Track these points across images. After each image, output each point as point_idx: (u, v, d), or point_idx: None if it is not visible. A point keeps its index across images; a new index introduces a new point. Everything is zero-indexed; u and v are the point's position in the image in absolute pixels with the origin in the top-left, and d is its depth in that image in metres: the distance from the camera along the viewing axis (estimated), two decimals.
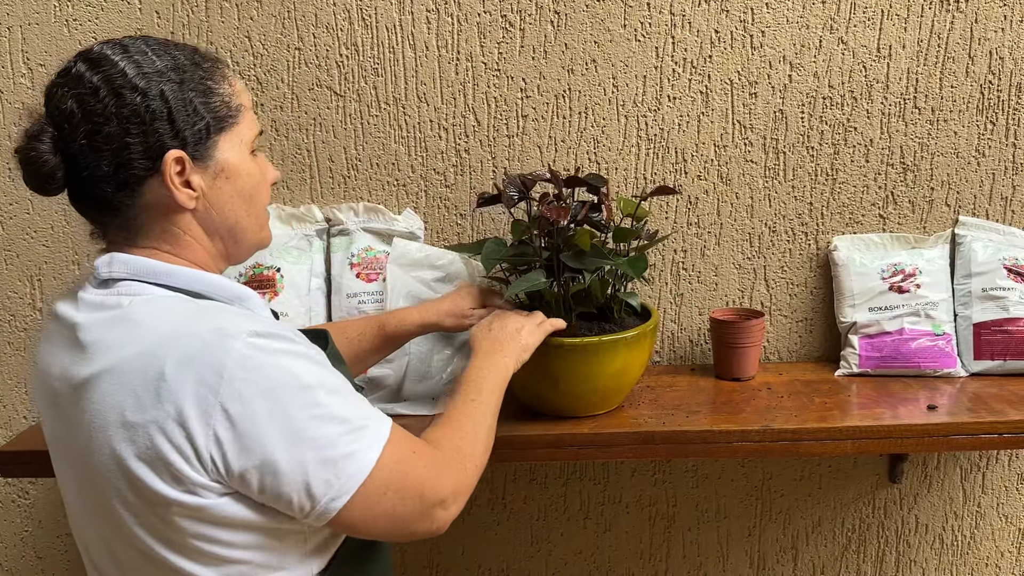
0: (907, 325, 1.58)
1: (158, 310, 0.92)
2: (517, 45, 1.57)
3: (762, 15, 1.57)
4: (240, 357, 0.87)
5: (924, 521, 1.81)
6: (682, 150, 1.62)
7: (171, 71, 0.95)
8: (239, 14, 1.55)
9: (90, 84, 0.92)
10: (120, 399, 0.88)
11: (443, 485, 0.99)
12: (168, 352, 0.87)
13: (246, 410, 0.87)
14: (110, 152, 0.92)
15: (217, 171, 0.98)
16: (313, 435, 0.89)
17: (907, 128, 1.62)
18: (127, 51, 0.95)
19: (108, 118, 0.92)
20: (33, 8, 1.54)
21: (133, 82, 0.92)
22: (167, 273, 0.96)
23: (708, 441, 1.36)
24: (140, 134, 0.92)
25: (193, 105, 0.95)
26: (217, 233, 1.01)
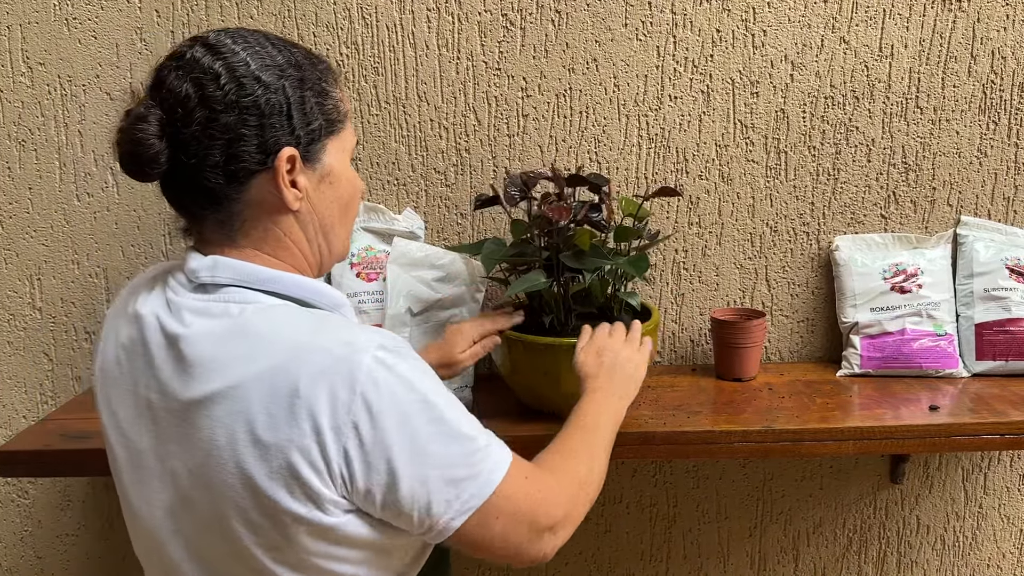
0: (909, 325, 1.58)
1: (276, 321, 0.89)
2: (518, 44, 1.57)
3: (764, 14, 1.57)
4: (370, 372, 0.85)
5: (926, 522, 1.81)
6: (683, 150, 1.61)
7: (291, 67, 0.92)
8: (239, 13, 1.54)
9: (211, 70, 0.88)
10: (249, 417, 0.85)
11: (555, 512, 0.97)
12: (300, 367, 0.84)
13: (375, 426, 0.85)
14: (224, 142, 0.88)
15: (323, 175, 0.95)
16: (437, 453, 0.87)
17: (909, 128, 1.62)
18: (247, 42, 0.91)
19: (228, 106, 0.88)
20: (33, 7, 1.54)
21: (256, 73, 0.89)
22: (273, 279, 0.93)
23: (709, 441, 1.36)
24: (258, 127, 0.89)
25: (310, 104, 0.93)
26: (314, 239, 0.98)
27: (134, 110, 0.89)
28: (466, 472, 0.89)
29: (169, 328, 0.91)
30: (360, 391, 0.84)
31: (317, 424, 0.84)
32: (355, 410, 0.84)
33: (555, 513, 0.97)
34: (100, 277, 1.64)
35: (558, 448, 1.07)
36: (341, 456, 0.85)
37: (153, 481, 0.93)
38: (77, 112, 1.58)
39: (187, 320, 0.90)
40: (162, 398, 0.90)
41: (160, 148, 0.88)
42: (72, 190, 1.60)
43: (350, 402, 0.84)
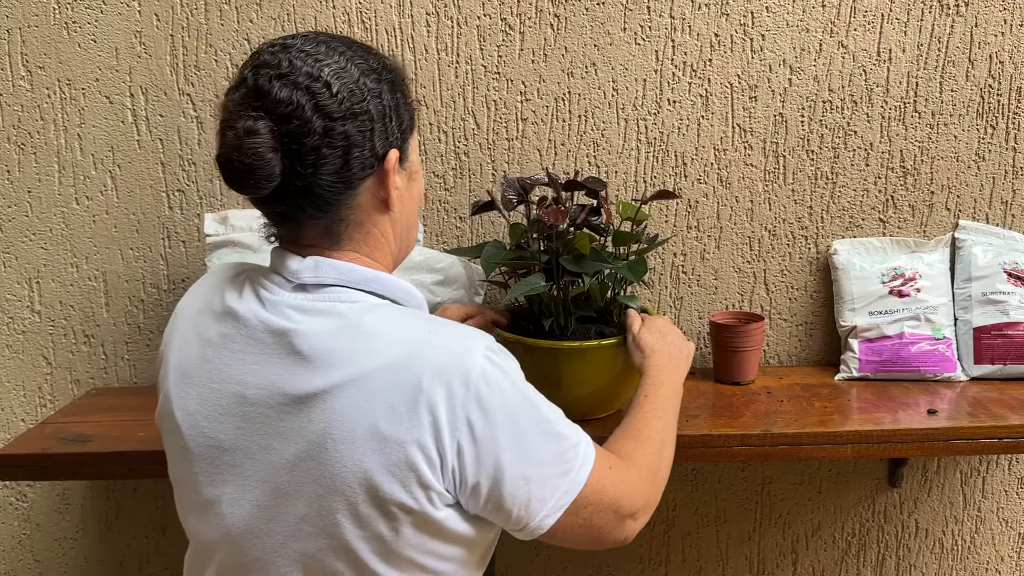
0: (907, 329, 1.58)
1: (389, 320, 0.91)
2: (517, 48, 1.57)
3: (762, 19, 1.57)
4: (482, 370, 0.88)
5: (924, 525, 1.81)
6: (682, 153, 1.62)
7: (384, 70, 0.94)
8: (238, 16, 1.55)
9: (320, 78, 0.88)
10: (371, 410, 0.86)
11: (636, 499, 1.00)
12: (422, 364, 0.87)
13: (487, 422, 0.88)
14: (342, 149, 0.89)
15: (411, 172, 0.99)
16: (538, 451, 0.91)
17: (907, 132, 1.62)
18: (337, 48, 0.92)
19: (344, 114, 0.88)
20: (32, 10, 1.54)
21: (362, 80, 0.90)
22: (373, 280, 0.95)
23: (708, 445, 1.36)
24: (370, 132, 0.90)
25: (400, 105, 0.94)
26: (400, 235, 1.00)
27: (240, 123, 0.86)
28: (562, 469, 0.92)
29: (274, 324, 0.91)
30: (474, 388, 0.87)
31: (436, 418, 0.86)
32: (469, 406, 0.87)
33: (637, 501, 1.01)
34: (99, 280, 1.64)
35: (632, 433, 1.10)
36: (455, 451, 0.87)
37: (238, 477, 0.92)
38: (76, 116, 1.58)
39: (293, 317, 0.91)
40: (264, 392, 0.90)
41: (276, 161, 0.87)
42: (71, 193, 1.60)
43: (465, 398, 0.87)
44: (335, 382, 0.87)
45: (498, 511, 0.91)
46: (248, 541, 0.93)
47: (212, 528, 0.95)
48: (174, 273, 1.63)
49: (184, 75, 1.56)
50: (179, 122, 1.58)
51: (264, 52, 0.90)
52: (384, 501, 0.87)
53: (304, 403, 0.88)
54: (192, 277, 1.63)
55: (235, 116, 0.87)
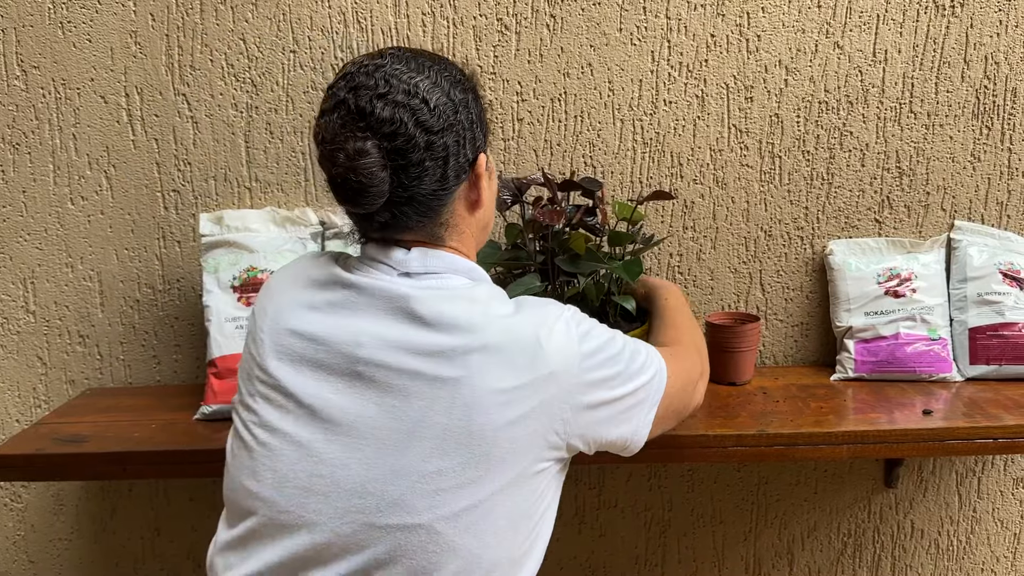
0: (903, 329, 1.58)
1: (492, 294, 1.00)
2: (513, 48, 1.57)
3: (758, 19, 1.57)
4: (575, 333, 0.97)
5: (920, 526, 1.81)
6: (678, 154, 1.62)
7: (466, 80, 1.02)
8: (234, 16, 1.54)
9: (417, 95, 0.94)
10: (500, 372, 0.93)
11: (695, 368, 1.18)
12: (538, 327, 0.95)
13: (591, 371, 0.97)
14: (442, 160, 0.96)
15: (491, 171, 1.06)
16: (635, 384, 1.02)
17: (903, 133, 1.62)
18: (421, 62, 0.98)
19: (443, 128, 0.96)
20: (27, 10, 1.54)
21: (452, 93, 0.97)
22: (471, 269, 1.03)
23: (703, 445, 1.36)
24: (464, 140, 0.98)
25: (482, 110, 1.04)
26: (482, 229, 1.08)
27: (349, 144, 0.92)
28: (649, 385, 1.05)
29: (392, 289, 0.96)
30: (579, 343, 0.97)
31: (553, 372, 0.94)
32: (574, 359, 0.96)
33: (695, 369, 1.18)
34: (94, 280, 1.63)
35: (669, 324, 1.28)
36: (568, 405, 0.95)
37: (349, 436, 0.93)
38: (72, 115, 1.57)
39: (405, 286, 0.97)
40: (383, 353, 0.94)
41: (385, 178, 0.94)
42: (66, 193, 1.60)
43: (574, 352, 0.96)
44: (459, 344, 0.93)
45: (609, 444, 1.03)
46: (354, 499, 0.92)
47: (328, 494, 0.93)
48: (169, 273, 1.63)
49: (179, 75, 1.56)
50: (174, 122, 1.58)
51: (359, 74, 0.95)
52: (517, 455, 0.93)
53: (429, 360, 0.93)
54: (187, 277, 1.62)
55: (342, 138, 0.93)
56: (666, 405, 1.09)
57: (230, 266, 1.50)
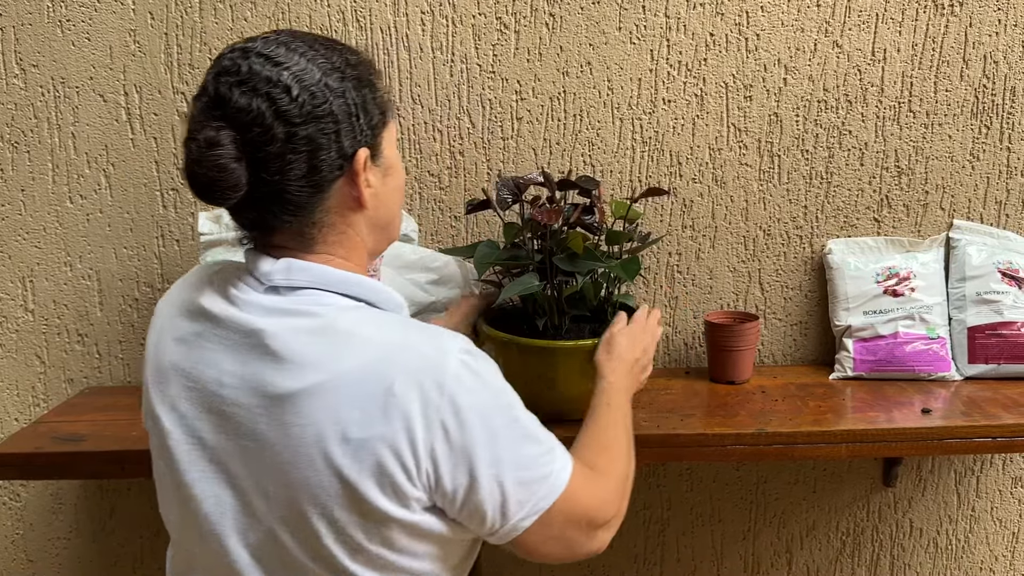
0: (901, 329, 1.58)
1: (361, 322, 0.90)
2: (512, 47, 1.57)
3: (757, 18, 1.57)
4: (456, 373, 0.88)
5: (918, 525, 1.81)
6: (677, 153, 1.62)
7: (348, 67, 0.92)
8: (233, 15, 1.54)
9: (280, 83, 0.86)
10: (343, 414, 0.85)
11: (608, 509, 1.01)
12: (394, 367, 0.86)
13: (461, 426, 0.87)
14: (306, 154, 0.88)
15: (386, 167, 0.97)
16: (514, 454, 0.90)
17: (902, 132, 1.62)
18: (300, 48, 0.90)
19: (306, 118, 0.87)
20: (26, 8, 1.54)
21: (324, 80, 0.89)
22: (345, 281, 0.93)
23: (702, 444, 1.36)
24: (335, 133, 0.89)
25: (367, 102, 0.93)
26: (379, 229, 0.99)
27: (201, 134, 0.86)
28: (539, 473, 0.92)
29: (246, 323, 0.90)
30: (447, 391, 0.87)
31: (409, 423, 0.86)
32: (443, 409, 0.86)
33: (609, 511, 1.01)
34: (93, 279, 1.63)
35: (602, 443, 1.09)
36: (429, 455, 0.87)
37: (222, 476, 0.92)
38: (70, 114, 1.57)
39: (263, 316, 0.90)
40: (239, 391, 0.89)
41: (240, 171, 0.86)
42: (65, 192, 1.60)
43: (439, 402, 0.86)
44: (307, 384, 0.86)
45: (473, 515, 0.91)
46: (226, 542, 0.93)
47: (196, 528, 0.95)
48: (168, 272, 1.63)
49: (178, 73, 1.56)
50: (173, 120, 1.58)
51: (224, 58, 0.89)
52: (360, 505, 0.87)
53: (278, 404, 0.87)
54: None
55: (198, 127, 0.87)
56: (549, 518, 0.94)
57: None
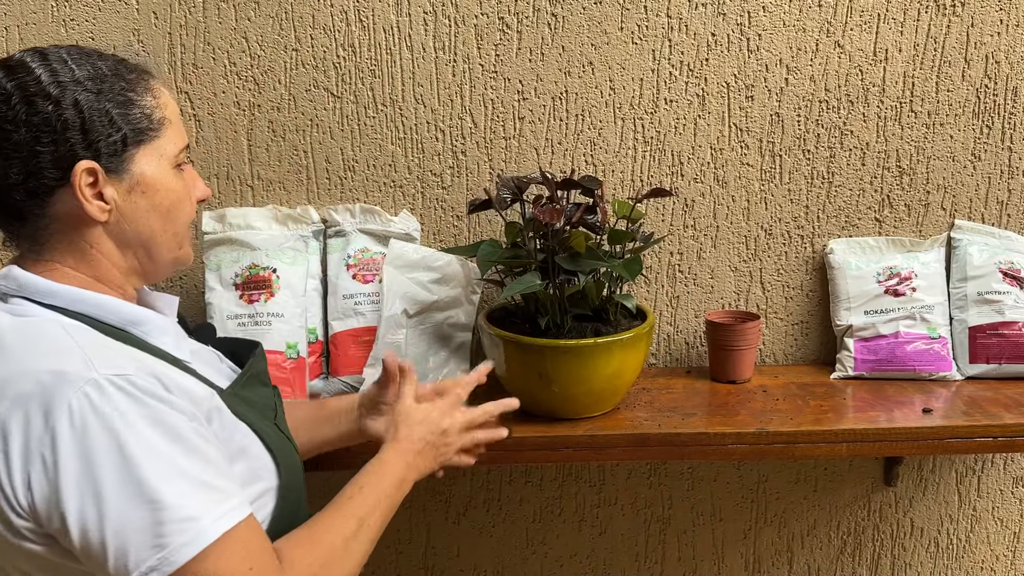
0: (903, 328, 1.59)
1: (24, 338, 0.89)
2: (514, 47, 1.57)
3: (759, 18, 1.57)
4: (70, 409, 0.83)
5: (919, 524, 1.81)
6: (678, 153, 1.62)
7: (88, 80, 0.93)
8: (236, 15, 1.55)
9: (3, 90, 0.91)
10: None
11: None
12: (7, 389, 0.85)
13: (60, 465, 0.82)
14: (19, 160, 0.91)
15: (132, 184, 0.96)
16: (118, 514, 0.82)
17: (903, 132, 1.63)
18: (46, 59, 0.93)
19: (18, 125, 0.90)
20: (30, 8, 1.54)
21: (46, 90, 0.91)
22: (51, 293, 0.93)
23: (703, 443, 1.36)
24: (51, 143, 0.91)
25: (110, 116, 0.93)
26: (130, 248, 0.98)
27: None
28: (153, 542, 0.82)
29: None
30: (52, 424, 0.83)
31: (7, 449, 0.83)
32: (45, 442, 0.82)
33: None
34: None
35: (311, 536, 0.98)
36: (26, 486, 0.83)
37: None
38: None
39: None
40: None
41: None
42: None
43: (41, 432, 0.83)
44: None
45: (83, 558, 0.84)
46: None
47: None
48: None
49: (182, 73, 1.57)
50: None
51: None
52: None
53: None
54: (189, 274, 1.63)
55: None
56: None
57: (232, 264, 1.50)
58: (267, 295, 1.49)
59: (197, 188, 1.04)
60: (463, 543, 1.79)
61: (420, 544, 1.78)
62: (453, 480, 1.74)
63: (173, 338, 1.00)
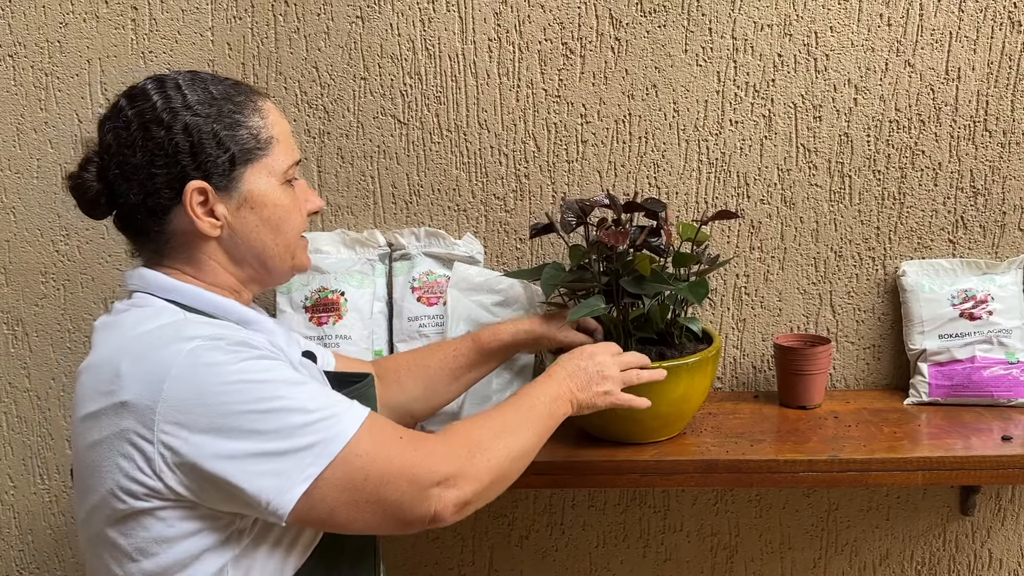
0: (979, 353, 1.54)
1: (141, 316, 0.98)
2: (577, 72, 1.58)
3: (826, 39, 1.56)
4: (186, 360, 0.91)
5: (998, 556, 1.75)
6: (744, 174, 1.61)
7: (199, 104, 1.01)
8: (307, 45, 1.59)
9: (124, 118, 1.00)
10: (86, 394, 0.94)
11: (440, 466, 0.96)
12: (126, 351, 0.93)
13: (188, 410, 0.89)
14: (138, 181, 0.99)
15: (241, 201, 1.03)
16: (259, 428, 0.90)
17: (977, 151, 1.59)
18: (163, 86, 1.01)
19: (135, 149, 0.99)
20: (111, 41, 1.61)
21: (160, 116, 0.99)
22: (172, 288, 1.02)
23: (773, 470, 1.34)
24: (164, 165, 0.99)
25: (218, 138, 1.00)
26: (245, 260, 1.06)
27: (83, 158, 1.03)
28: (304, 442, 0.90)
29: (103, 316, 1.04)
30: (173, 375, 0.90)
31: (130, 404, 0.90)
32: (166, 394, 0.89)
33: (440, 468, 0.96)
34: None
35: (473, 416, 1.09)
36: (159, 443, 0.90)
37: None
38: None
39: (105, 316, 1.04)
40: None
41: (98, 190, 1.02)
42: None
43: (161, 385, 0.89)
44: (81, 367, 0.97)
45: (231, 498, 0.91)
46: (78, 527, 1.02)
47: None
48: None
49: None
50: None
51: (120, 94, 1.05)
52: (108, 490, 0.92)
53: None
54: (261, 298, 1.65)
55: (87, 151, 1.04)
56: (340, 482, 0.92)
57: (302, 287, 1.53)
58: (335, 317, 1.52)
59: (309, 201, 1.12)
60: (526, 566, 1.78)
61: (483, 566, 1.78)
62: (516, 502, 1.74)
63: (283, 340, 1.07)
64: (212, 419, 0.89)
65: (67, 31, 1.60)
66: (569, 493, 1.74)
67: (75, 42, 1.61)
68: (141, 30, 1.60)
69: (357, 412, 0.96)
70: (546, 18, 1.57)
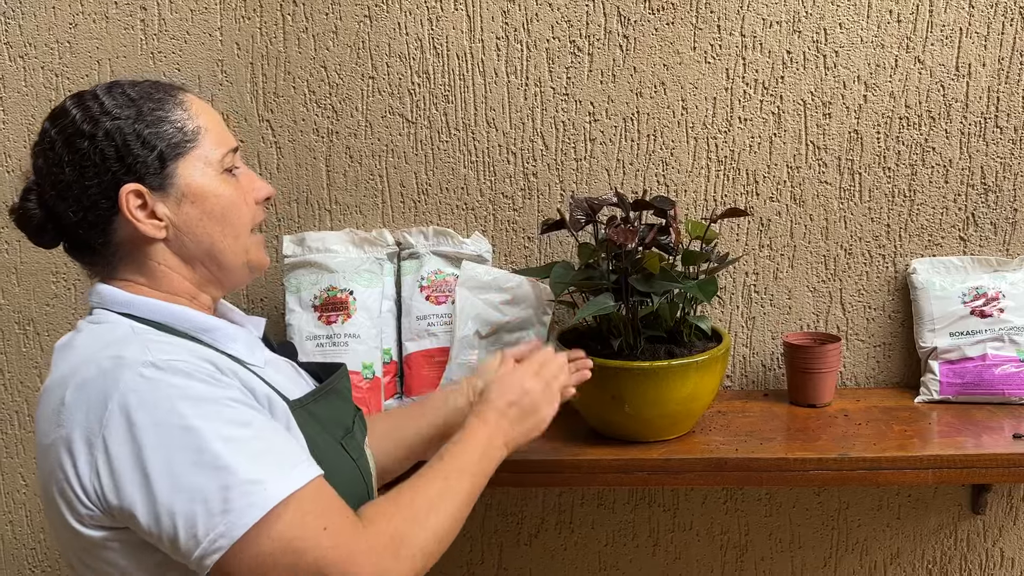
0: (990, 351, 1.53)
1: (94, 336, 0.95)
2: (585, 69, 1.58)
3: (835, 35, 1.55)
4: (126, 389, 0.87)
5: (1010, 555, 1.74)
6: (753, 171, 1.60)
7: (117, 108, 0.98)
8: (316, 44, 1.59)
9: (49, 138, 0.98)
10: (41, 420, 0.94)
11: (354, 566, 0.87)
12: (72, 377, 0.91)
13: (123, 444, 0.85)
14: (74, 198, 0.97)
15: (180, 197, 0.99)
16: (187, 482, 0.84)
17: (988, 148, 1.58)
18: (81, 99, 0.99)
19: (63, 166, 0.96)
20: (121, 42, 1.61)
21: (80, 128, 0.96)
22: (127, 302, 0.98)
23: (783, 469, 1.33)
24: (95, 175, 0.96)
25: (142, 137, 0.97)
26: (196, 259, 1.02)
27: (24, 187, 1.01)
28: (221, 507, 0.84)
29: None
30: (112, 406, 0.86)
31: (71, 434, 0.88)
32: (106, 425, 0.86)
33: (354, 569, 0.87)
34: None
35: (397, 496, 0.97)
36: (94, 471, 0.87)
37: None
38: None
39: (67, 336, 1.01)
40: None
41: (41, 217, 0.99)
42: None
43: (101, 415, 0.86)
44: (41, 391, 0.96)
45: (157, 540, 0.86)
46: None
47: None
48: (253, 293, 1.68)
49: (263, 102, 1.62)
50: (259, 147, 1.63)
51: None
52: (55, 517, 0.92)
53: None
54: (270, 297, 1.67)
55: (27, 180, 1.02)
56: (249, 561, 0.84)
57: (311, 286, 1.54)
58: (344, 316, 1.52)
59: (255, 188, 1.06)
60: (535, 565, 1.78)
61: (492, 565, 1.78)
62: (525, 501, 1.74)
63: (244, 345, 1.03)
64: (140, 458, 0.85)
65: (77, 32, 1.61)
66: (578, 492, 1.74)
67: (85, 43, 1.62)
68: (150, 30, 1.61)
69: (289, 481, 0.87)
70: (554, 16, 1.57)
